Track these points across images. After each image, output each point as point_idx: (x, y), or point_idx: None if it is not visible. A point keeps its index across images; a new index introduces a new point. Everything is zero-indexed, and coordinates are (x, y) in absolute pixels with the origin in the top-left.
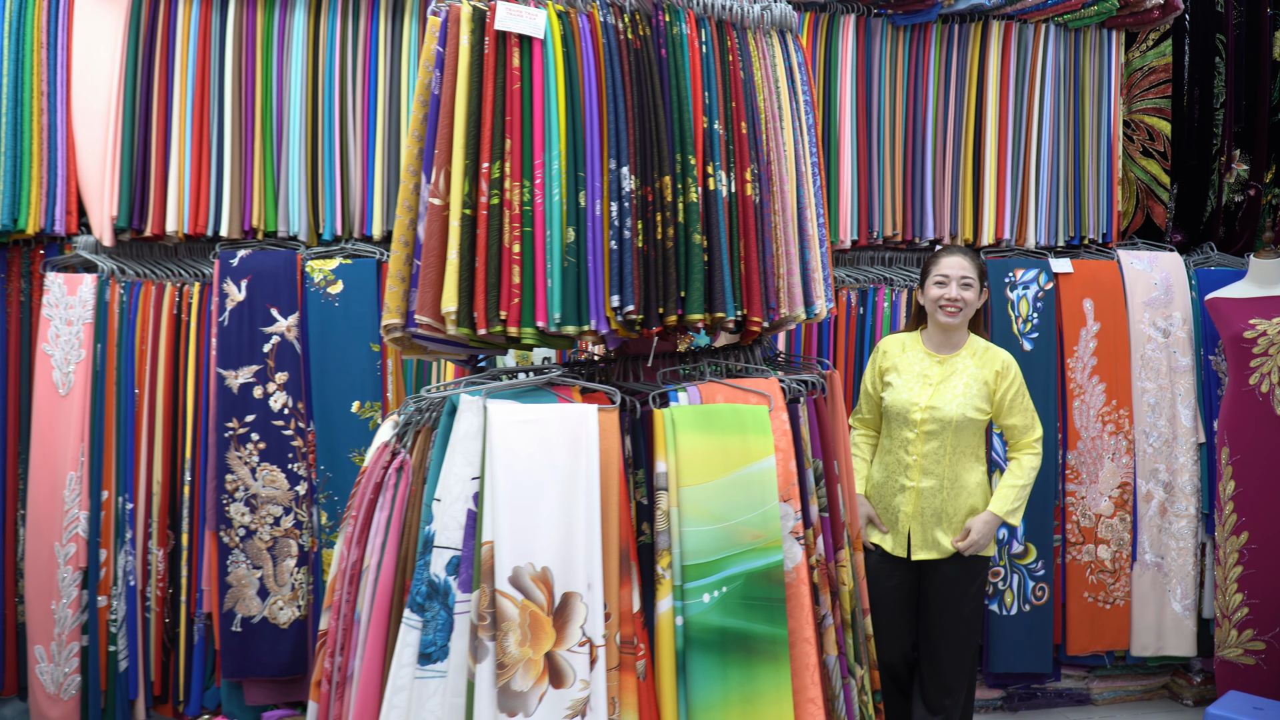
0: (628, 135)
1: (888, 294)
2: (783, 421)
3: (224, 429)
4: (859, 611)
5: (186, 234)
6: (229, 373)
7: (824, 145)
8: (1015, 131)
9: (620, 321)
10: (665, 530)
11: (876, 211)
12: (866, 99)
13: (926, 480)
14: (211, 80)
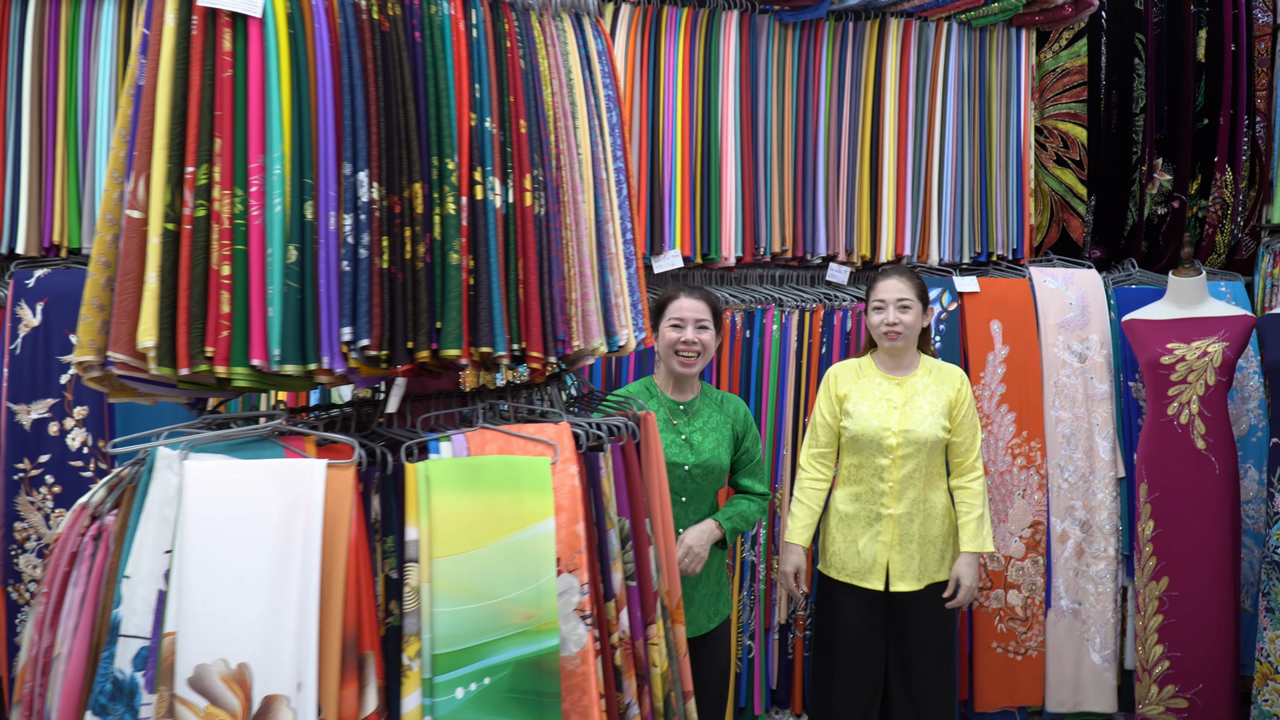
0: (368, 135)
1: (777, 315)
2: (571, 475)
3: (13, 470)
4: (678, 695)
5: None
6: (20, 407)
7: (705, 154)
8: (916, 139)
9: (359, 358)
10: (415, 611)
11: (763, 226)
12: (752, 103)
13: (902, 506)
14: (8, 80)
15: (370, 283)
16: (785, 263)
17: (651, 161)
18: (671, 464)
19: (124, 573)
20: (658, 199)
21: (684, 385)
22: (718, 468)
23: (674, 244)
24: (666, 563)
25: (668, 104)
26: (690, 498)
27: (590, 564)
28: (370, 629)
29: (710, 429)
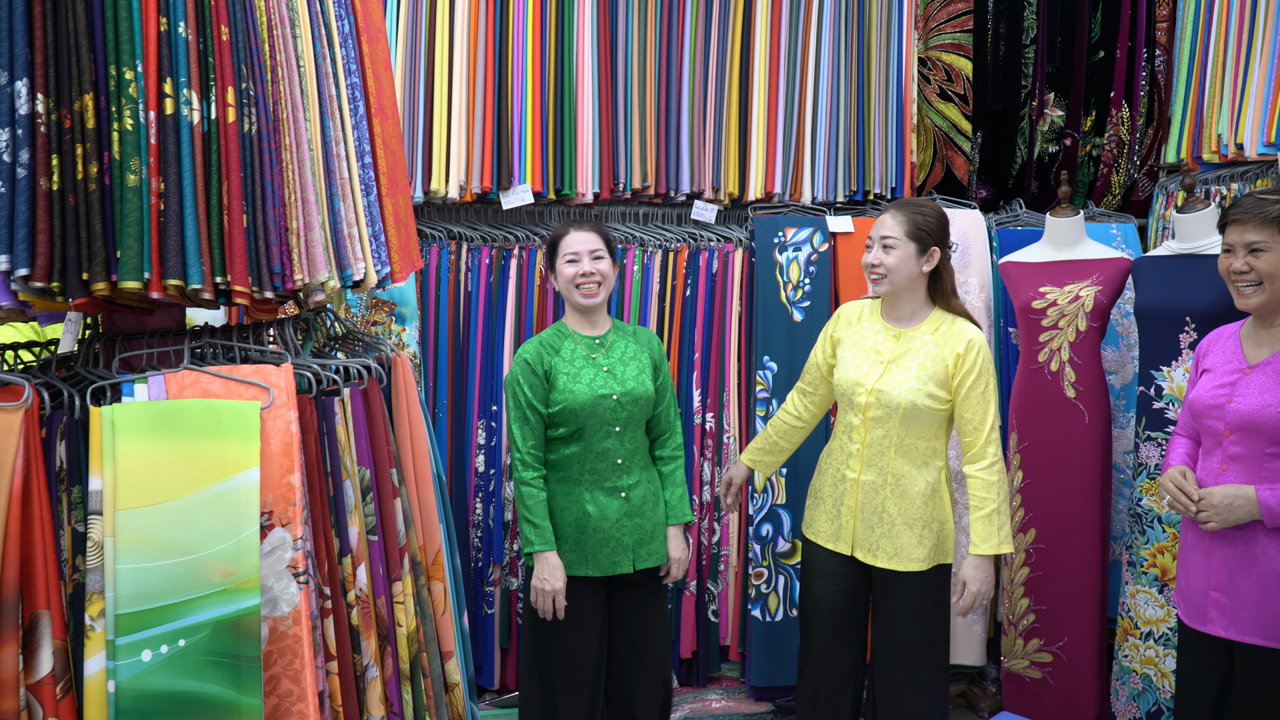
0: (28, 40)
1: (638, 255)
2: (287, 421)
3: None
4: (434, 656)
5: None
6: None
7: (558, 81)
8: (789, 69)
9: (25, 290)
10: (98, 567)
11: (623, 160)
12: (610, 28)
13: (868, 474)
14: None
15: (33, 206)
16: (648, 200)
17: (499, 89)
18: (601, 396)
19: None
20: (505, 130)
21: (594, 320)
22: (644, 396)
23: (524, 178)
24: (421, 516)
25: (517, 26)
26: (624, 427)
27: (315, 517)
28: (44, 585)
29: (629, 358)
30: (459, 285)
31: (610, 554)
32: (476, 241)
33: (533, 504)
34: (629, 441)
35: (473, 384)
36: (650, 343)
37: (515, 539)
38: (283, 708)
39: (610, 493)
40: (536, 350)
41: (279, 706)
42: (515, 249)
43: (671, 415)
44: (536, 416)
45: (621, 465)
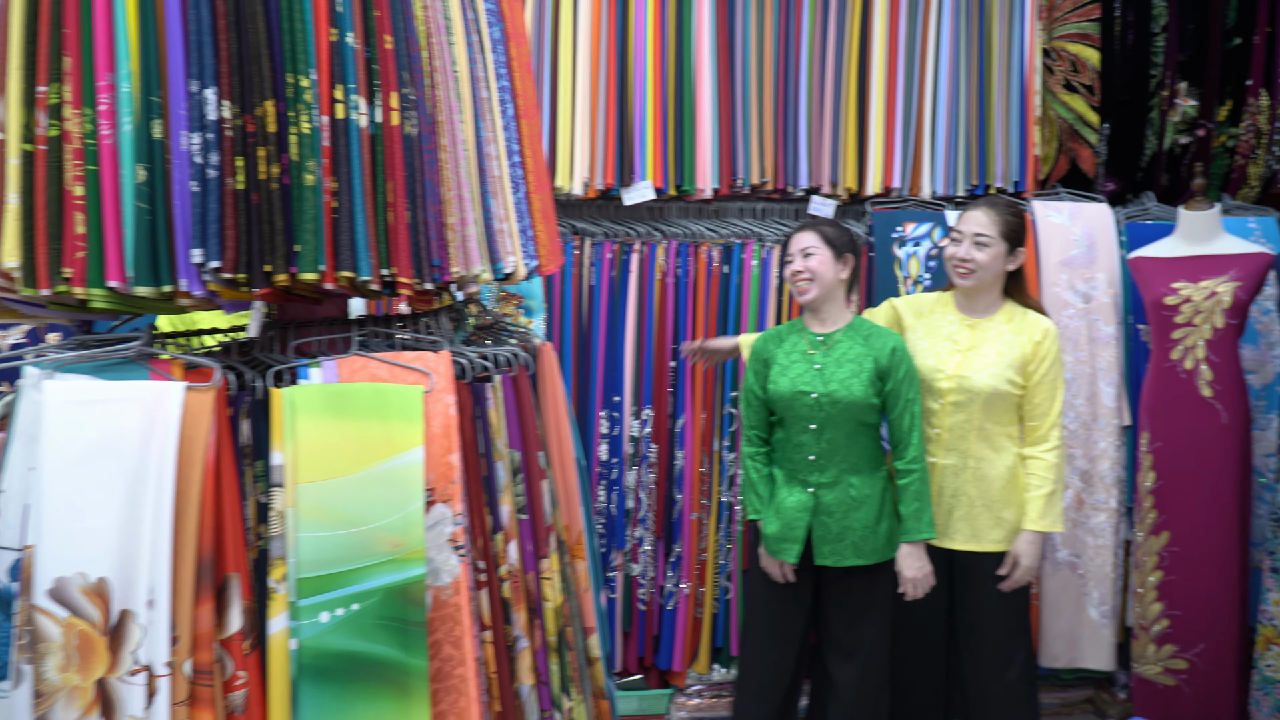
0: (215, 51)
1: (756, 250)
2: (446, 405)
3: None
4: (578, 631)
5: None
6: None
7: (678, 79)
8: (908, 63)
9: (215, 281)
10: (280, 535)
11: (741, 156)
12: (729, 24)
13: (949, 458)
14: None
15: (221, 204)
16: (766, 195)
17: (621, 87)
18: (801, 392)
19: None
20: (628, 127)
21: (821, 317)
22: (847, 399)
23: (645, 175)
24: (565, 497)
25: (638, 25)
26: (821, 426)
27: (471, 495)
28: (234, 551)
29: (847, 360)
30: (582, 279)
31: (778, 540)
32: (599, 237)
33: (754, 477)
34: (826, 441)
35: (595, 375)
36: (883, 349)
37: (637, 526)
38: (444, 670)
39: (800, 485)
40: (764, 339)
41: (441, 669)
42: (636, 244)
43: (905, 425)
44: (756, 399)
45: (814, 462)
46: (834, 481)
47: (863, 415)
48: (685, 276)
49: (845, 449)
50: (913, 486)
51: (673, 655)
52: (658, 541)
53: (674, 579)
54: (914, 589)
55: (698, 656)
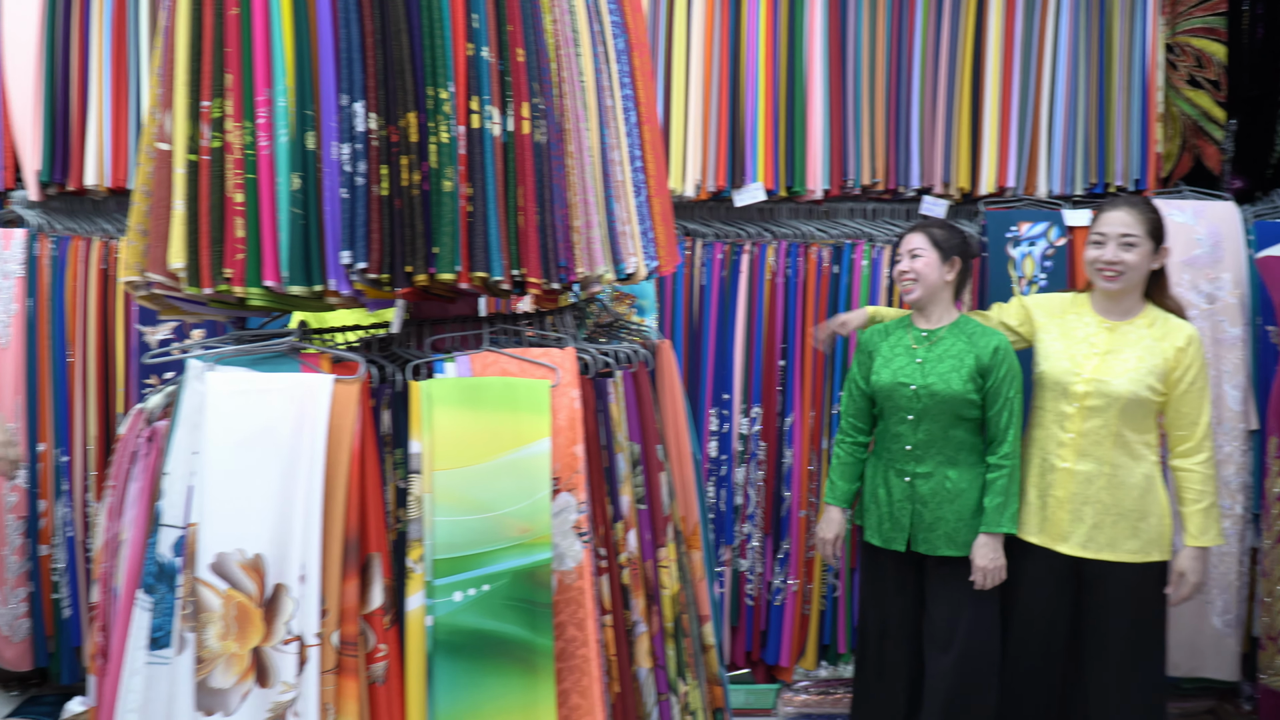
0: (363, 67)
1: (867, 250)
2: (571, 399)
3: (144, 385)
4: (693, 618)
5: (110, 188)
6: (148, 329)
7: (789, 80)
8: (1024, 59)
9: (361, 281)
10: (418, 519)
11: (852, 157)
12: (841, 24)
13: (1083, 463)
14: (128, 30)
15: (368, 209)
16: (877, 196)
17: (732, 89)
18: (900, 384)
19: (165, 470)
20: (739, 130)
21: (927, 314)
22: (946, 393)
23: (756, 176)
24: (682, 489)
25: (750, 27)
26: (919, 418)
27: (593, 485)
28: (376, 532)
29: (949, 356)
30: (693, 280)
31: (889, 530)
32: (710, 238)
33: (835, 463)
34: (924, 432)
35: (705, 373)
36: (985, 348)
37: (745, 522)
38: (568, 650)
39: (898, 474)
40: (871, 332)
41: (565, 649)
42: (746, 245)
43: (1003, 423)
44: (857, 389)
45: (911, 452)
46: (930, 472)
47: (960, 409)
48: (795, 277)
49: (942, 441)
50: (1000, 481)
51: (780, 651)
52: (766, 538)
53: (782, 575)
54: (984, 578)
55: (805, 653)
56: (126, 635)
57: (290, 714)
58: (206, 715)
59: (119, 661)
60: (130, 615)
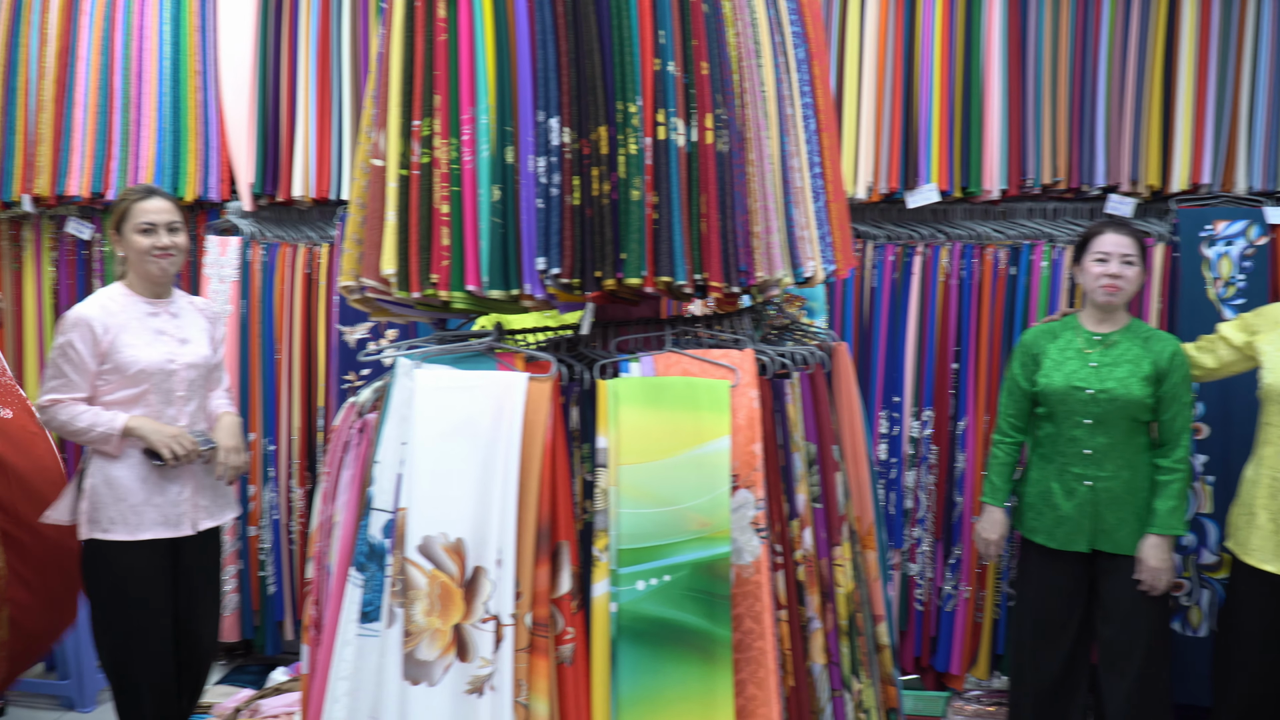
0: (559, 85)
1: (1046, 252)
2: (750, 399)
3: (343, 381)
4: (867, 618)
5: (315, 199)
6: (347, 329)
7: (966, 77)
8: (1222, 50)
9: (554, 285)
10: (604, 510)
11: (1032, 155)
12: (1021, 20)
13: None
14: (332, 53)
15: (561, 218)
16: (1058, 195)
17: (906, 90)
18: (1075, 388)
19: (375, 459)
20: (913, 130)
21: (1105, 318)
22: (1124, 398)
23: (930, 177)
24: (858, 490)
25: (925, 27)
26: (1097, 422)
27: (770, 483)
28: (565, 521)
29: (1125, 360)
30: (864, 282)
31: (1067, 532)
32: (881, 240)
33: (994, 464)
34: (1102, 436)
35: (875, 375)
36: (1162, 352)
37: (915, 526)
38: (745, 642)
39: (1076, 478)
40: (1036, 334)
41: (742, 641)
42: (919, 247)
43: (1176, 428)
44: (1019, 389)
45: (1090, 457)
46: (1111, 475)
47: (1137, 413)
48: (970, 279)
49: (1121, 445)
50: (1174, 485)
51: (950, 658)
52: (936, 543)
53: (953, 581)
54: (1153, 580)
55: (977, 661)
56: (339, 609)
57: (487, 687)
58: (413, 684)
59: (332, 633)
60: (343, 591)
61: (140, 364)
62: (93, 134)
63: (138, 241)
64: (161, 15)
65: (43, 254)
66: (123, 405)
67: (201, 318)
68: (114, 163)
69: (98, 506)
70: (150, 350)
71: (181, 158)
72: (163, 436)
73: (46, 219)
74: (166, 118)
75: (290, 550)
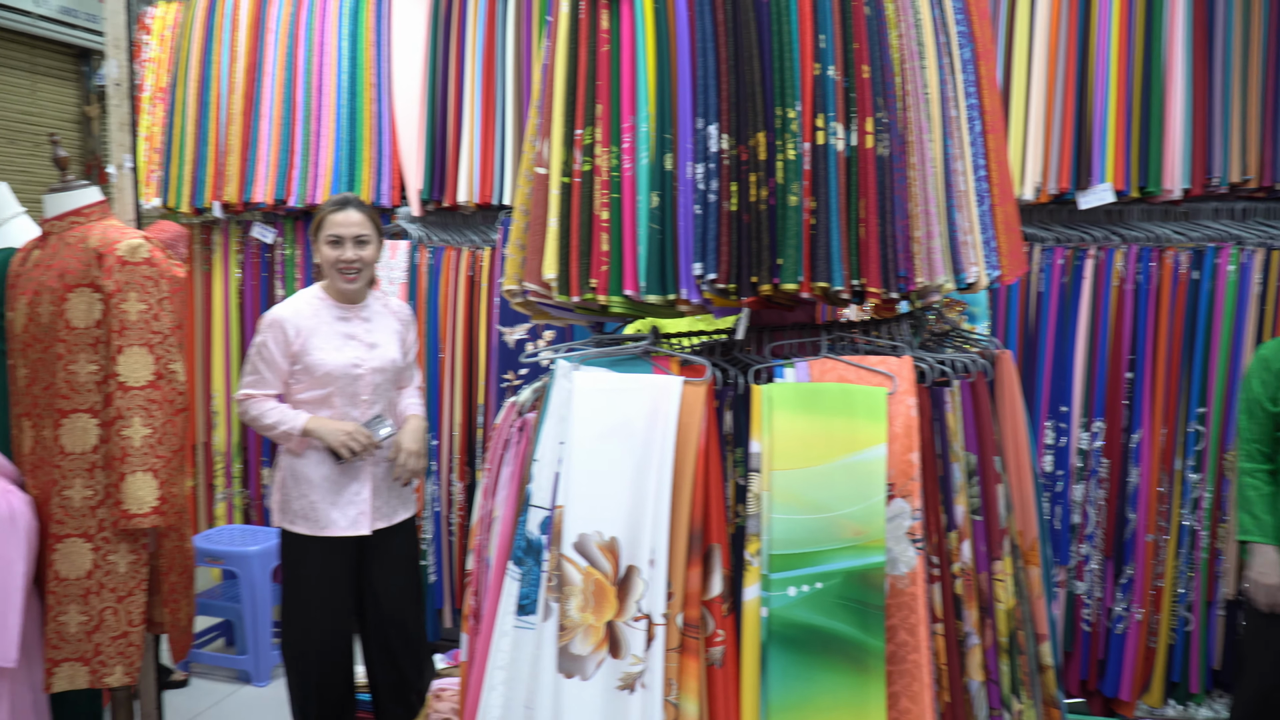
0: (718, 92)
1: (1234, 255)
2: (908, 407)
3: (502, 380)
4: (1029, 636)
5: (478, 204)
6: (506, 330)
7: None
8: None
9: (710, 290)
10: (756, 515)
11: (1218, 152)
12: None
13: None
14: (496, 64)
15: (718, 224)
16: (1248, 194)
17: (1079, 86)
18: None
19: (534, 457)
20: (1086, 128)
21: None
22: None
23: (1104, 176)
24: (1020, 503)
25: (1101, 22)
26: None
27: (928, 493)
28: (717, 525)
29: None
30: (1030, 286)
31: None
32: (1049, 242)
33: (1251, 495)
34: None
35: (1040, 384)
36: None
37: (1083, 542)
38: (899, 655)
39: None
40: (1276, 347)
41: (895, 653)
42: (1091, 249)
43: None
44: (1263, 412)
45: None
46: None
47: None
48: (1147, 283)
49: None
50: None
51: (1120, 683)
52: (1106, 561)
53: (1124, 602)
54: None
55: (1149, 688)
56: (497, 601)
57: (639, 685)
58: (566, 677)
59: (490, 624)
60: (501, 584)
61: (327, 367)
62: (276, 144)
63: (326, 253)
64: (341, 32)
65: (230, 257)
66: (311, 405)
67: (395, 321)
68: (295, 171)
69: (287, 499)
70: (338, 354)
71: (357, 166)
72: (338, 436)
73: (234, 224)
74: (344, 128)
75: (449, 541)
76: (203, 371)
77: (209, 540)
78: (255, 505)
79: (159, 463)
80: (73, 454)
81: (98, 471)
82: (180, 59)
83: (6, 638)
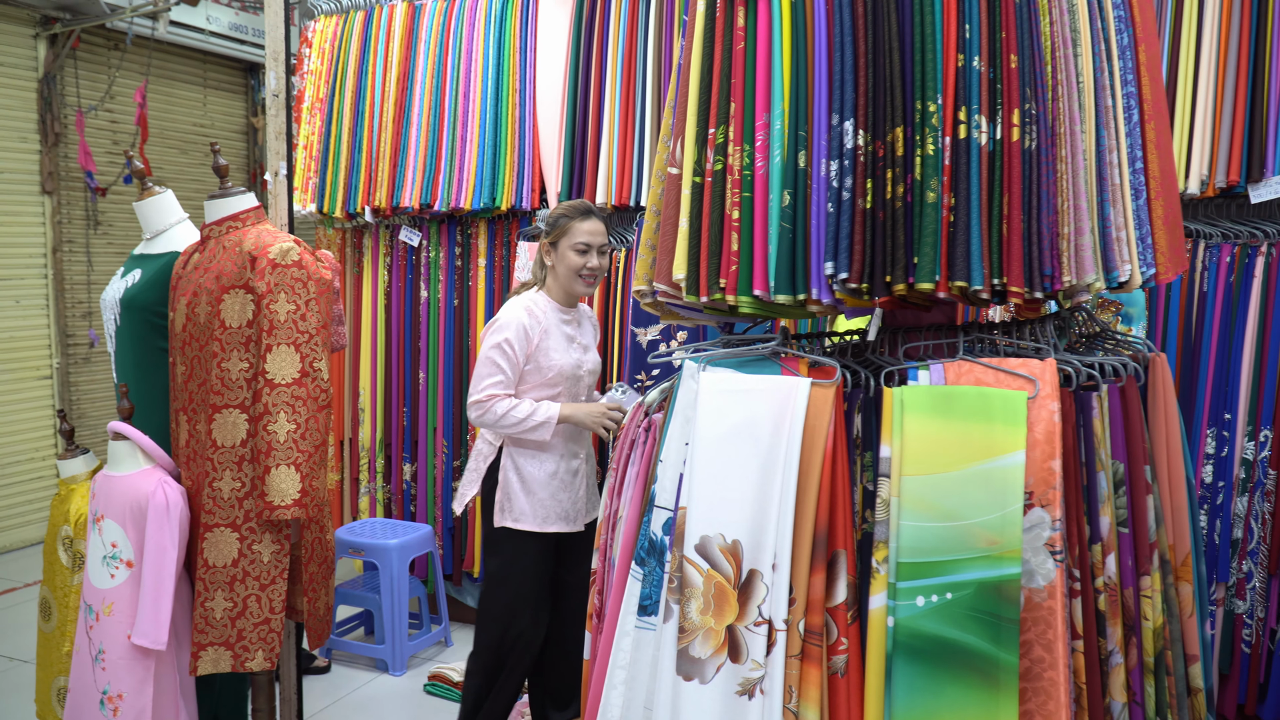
0: (855, 87)
1: None
2: (1050, 412)
3: (634, 380)
4: (1178, 656)
5: (615, 205)
6: (640, 330)
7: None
8: None
9: (842, 290)
10: (884, 521)
11: None
12: None
13: None
14: (636, 67)
15: (852, 222)
16: None
17: (1252, 71)
18: None
19: (659, 458)
20: (1259, 116)
21: None
22: None
23: (1279, 169)
24: (1172, 516)
25: None
26: None
27: (1070, 503)
28: (843, 530)
29: None
30: (1192, 285)
31: None
32: (1215, 239)
33: None
34: None
35: (1203, 390)
36: None
37: (1245, 559)
38: (1034, 671)
39: None
40: None
41: (1030, 670)
42: (1263, 246)
43: None
44: None
45: None
46: None
47: None
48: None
49: None
50: None
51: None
52: (1270, 579)
53: None
54: None
55: None
56: (620, 601)
57: (758, 690)
58: (685, 680)
59: (612, 623)
60: (624, 584)
61: (557, 367)
62: (424, 151)
63: (571, 259)
64: (488, 40)
65: (379, 260)
66: None
67: (592, 326)
68: (441, 176)
69: (510, 497)
70: (564, 355)
71: (500, 170)
72: (593, 417)
73: (383, 228)
74: (488, 133)
75: None
76: (350, 370)
77: (352, 532)
78: (396, 499)
79: (302, 457)
80: (224, 448)
81: (246, 465)
82: (338, 70)
83: (159, 622)
